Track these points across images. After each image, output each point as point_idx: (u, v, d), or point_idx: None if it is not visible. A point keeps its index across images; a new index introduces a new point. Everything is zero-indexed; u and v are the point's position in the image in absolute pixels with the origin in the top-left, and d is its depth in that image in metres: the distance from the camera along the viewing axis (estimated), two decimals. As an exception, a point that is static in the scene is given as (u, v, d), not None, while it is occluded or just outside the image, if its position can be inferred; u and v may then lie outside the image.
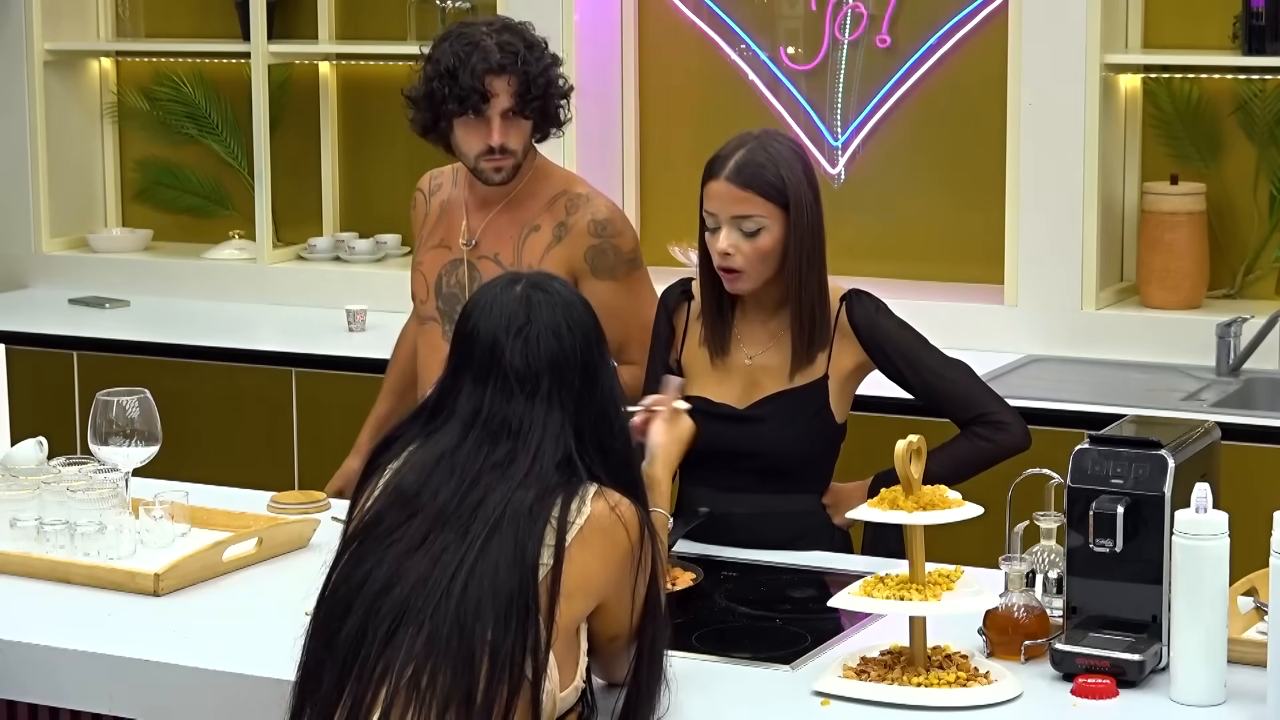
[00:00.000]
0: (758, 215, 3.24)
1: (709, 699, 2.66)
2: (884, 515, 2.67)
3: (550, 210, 3.68)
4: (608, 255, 3.65)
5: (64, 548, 3.24)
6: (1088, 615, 2.73)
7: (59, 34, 6.12)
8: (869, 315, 3.34)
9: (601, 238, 3.65)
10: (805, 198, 3.26)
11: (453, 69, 3.55)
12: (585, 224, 3.65)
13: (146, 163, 6.28)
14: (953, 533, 2.75)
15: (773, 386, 3.33)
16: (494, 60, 3.54)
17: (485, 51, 3.54)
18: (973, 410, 3.36)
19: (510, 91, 3.55)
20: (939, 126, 5.29)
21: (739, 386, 3.35)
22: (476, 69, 3.53)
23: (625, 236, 3.68)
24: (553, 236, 3.66)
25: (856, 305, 3.35)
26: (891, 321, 3.36)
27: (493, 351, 2.50)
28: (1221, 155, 5.00)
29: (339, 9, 5.89)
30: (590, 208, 3.67)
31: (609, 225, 3.66)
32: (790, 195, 3.25)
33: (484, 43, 3.55)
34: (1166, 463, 2.68)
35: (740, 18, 5.47)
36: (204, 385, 5.27)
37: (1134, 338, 4.87)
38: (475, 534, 2.40)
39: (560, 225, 3.66)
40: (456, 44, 3.57)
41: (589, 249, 3.65)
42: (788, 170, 3.26)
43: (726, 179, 3.26)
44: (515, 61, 3.54)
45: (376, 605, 2.39)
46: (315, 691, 2.42)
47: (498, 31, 3.58)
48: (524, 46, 3.57)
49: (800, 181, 3.27)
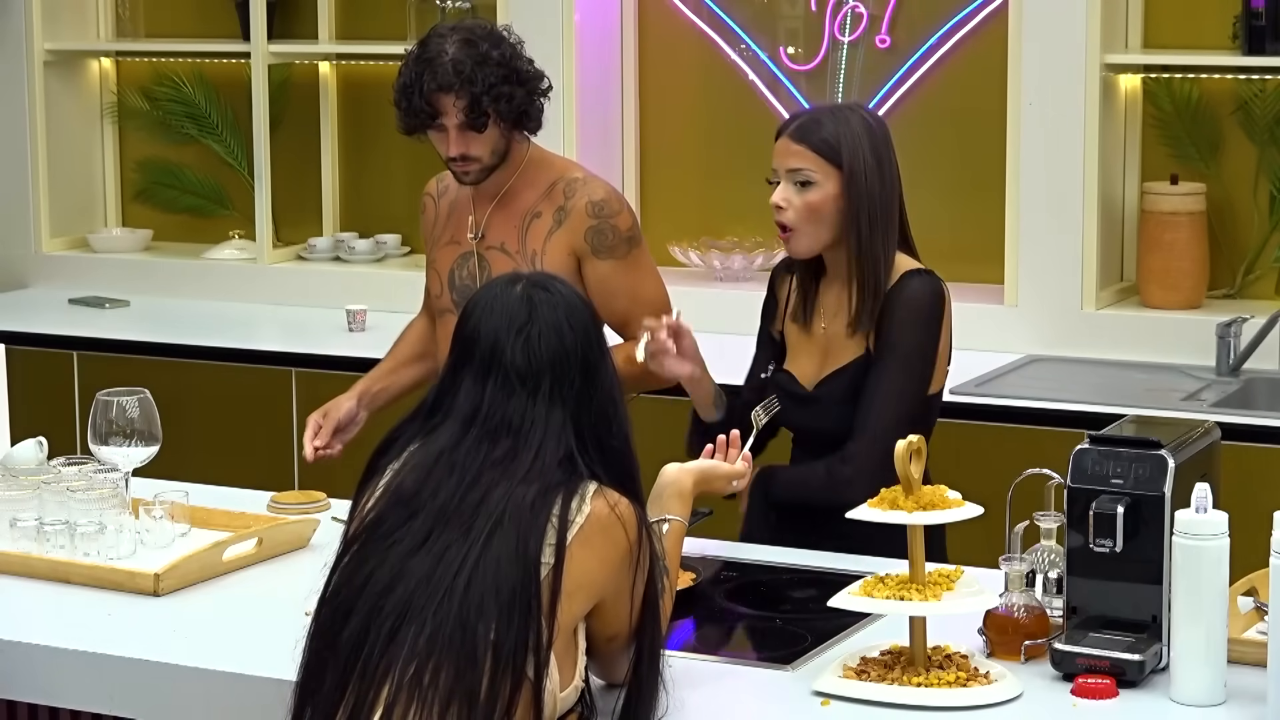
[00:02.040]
0: (807, 169, 3.32)
1: (709, 699, 2.65)
2: (884, 515, 2.67)
3: (549, 196, 3.75)
4: (607, 235, 3.73)
5: (64, 548, 3.24)
6: (1088, 615, 2.73)
7: (59, 34, 6.12)
8: (900, 299, 3.34)
9: (599, 218, 3.72)
10: (864, 161, 3.32)
11: (407, 86, 3.67)
12: (583, 206, 3.73)
13: (146, 163, 6.28)
14: (953, 533, 2.75)
15: (837, 361, 3.38)
16: (442, 79, 3.61)
17: (435, 70, 3.62)
18: (855, 435, 3.31)
19: (460, 108, 3.63)
20: (939, 126, 5.29)
21: (817, 360, 3.42)
22: (426, 88, 3.63)
23: (623, 215, 3.76)
24: (553, 221, 3.73)
25: (905, 285, 3.35)
26: (910, 315, 3.34)
27: (494, 350, 2.50)
28: (1221, 155, 5.00)
29: (339, 9, 5.89)
30: (587, 190, 3.75)
31: (606, 205, 3.74)
32: (844, 155, 3.31)
33: (437, 59, 3.62)
34: (1166, 463, 2.68)
35: (740, 18, 5.47)
36: (204, 385, 5.26)
37: (1134, 338, 4.87)
38: (478, 531, 2.40)
39: (559, 210, 3.74)
40: (414, 60, 3.67)
41: (588, 230, 3.72)
42: (847, 132, 3.32)
43: (788, 135, 3.36)
44: (461, 82, 3.61)
45: (379, 605, 2.39)
46: (317, 691, 2.42)
47: (456, 45, 3.64)
48: (473, 64, 3.62)
49: (859, 145, 3.32)
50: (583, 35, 5.40)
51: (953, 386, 4.54)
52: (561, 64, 5.28)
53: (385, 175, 5.92)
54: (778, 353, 3.50)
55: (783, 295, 3.51)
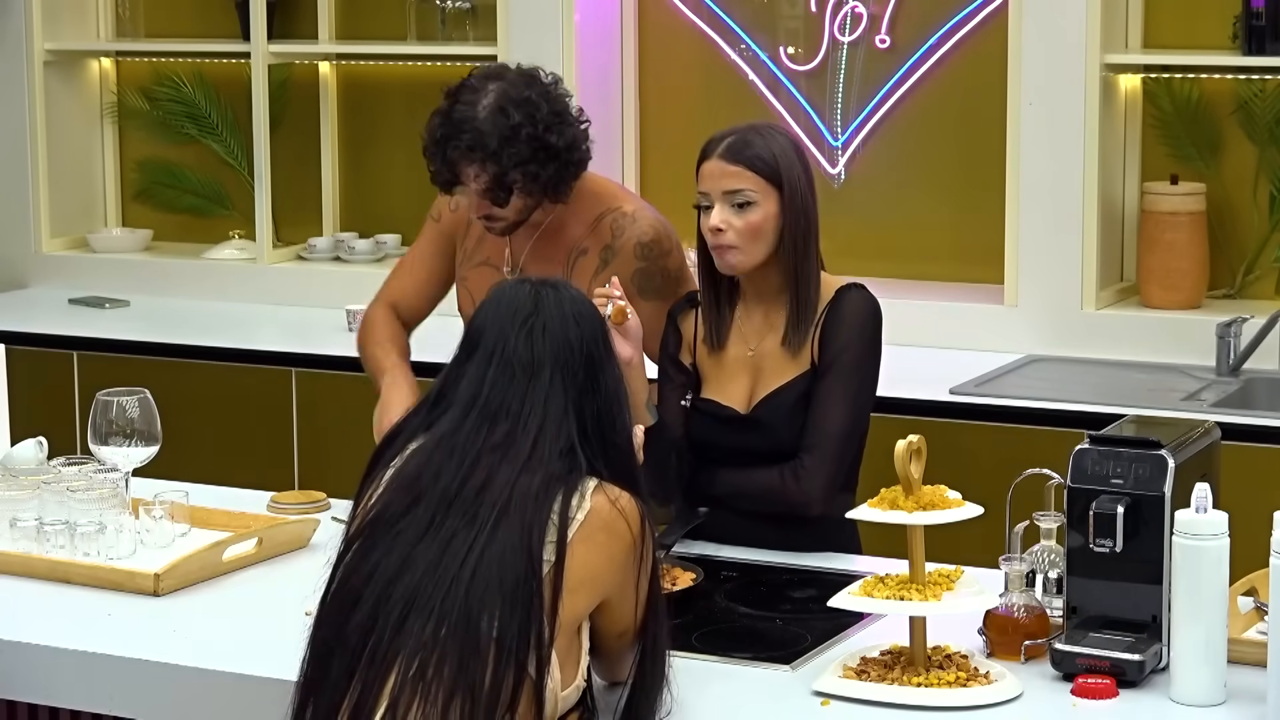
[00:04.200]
0: (748, 189, 3.27)
1: (709, 699, 2.65)
2: (884, 515, 2.67)
3: (595, 232, 3.60)
4: (655, 278, 3.59)
5: (64, 548, 3.24)
6: (1088, 615, 2.73)
7: (59, 34, 6.12)
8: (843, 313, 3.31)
9: (648, 260, 3.59)
10: (798, 181, 3.29)
11: (432, 144, 3.49)
12: (631, 247, 3.57)
13: (146, 163, 6.28)
14: (953, 533, 2.75)
15: (775, 380, 3.34)
16: (466, 147, 3.43)
17: (461, 136, 3.44)
18: (804, 445, 3.29)
19: (483, 180, 3.47)
20: (939, 126, 5.29)
21: (746, 384, 3.37)
22: (449, 154, 3.46)
23: (672, 256, 3.61)
24: (600, 260, 3.59)
25: (846, 298, 3.33)
26: (857, 327, 3.32)
27: (497, 339, 2.51)
28: (1221, 155, 5.00)
29: (339, 9, 5.89)
30: (636, 229, 3.58)
31: (655, 247, 3.59)
32: (783, 173, 3.28)
33: (466, 124, 3.43)
34: (1166, 463, 2.68)
35: (740, 18, 5.47)
36: (204, 385, 5.26)
37: (1134, 338, 4.87)
38: (484, 520, 2.39)
39: (606, 249, 3.59)
40: (443, 116, 3.48)
41: (636, 272, 3.57)
42: (780, 151, 3.29)
43: (718, 157, 3.30)
44: (485, 155, 3.44)
45: (387, 593, 2.39)
46: (322, 682, 2.41)
47: (489, 111, 3.44)
48: (500, 140, 3.42)
49: (793, 164, 3.30)
50: (583, 35, 5.40)
51: (953, 386, 4.55)
52: (561, 64, 5.27)
53: (385, 175, 5.92)
54: (691, 381, 3.41)
55: (687, 328, 3.42)
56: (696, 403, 3.38)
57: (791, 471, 3.29)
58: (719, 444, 3.35)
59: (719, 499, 3.35)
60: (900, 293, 4.97)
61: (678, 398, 3.40)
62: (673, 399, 3.40)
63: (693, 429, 3.38)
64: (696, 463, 3.37)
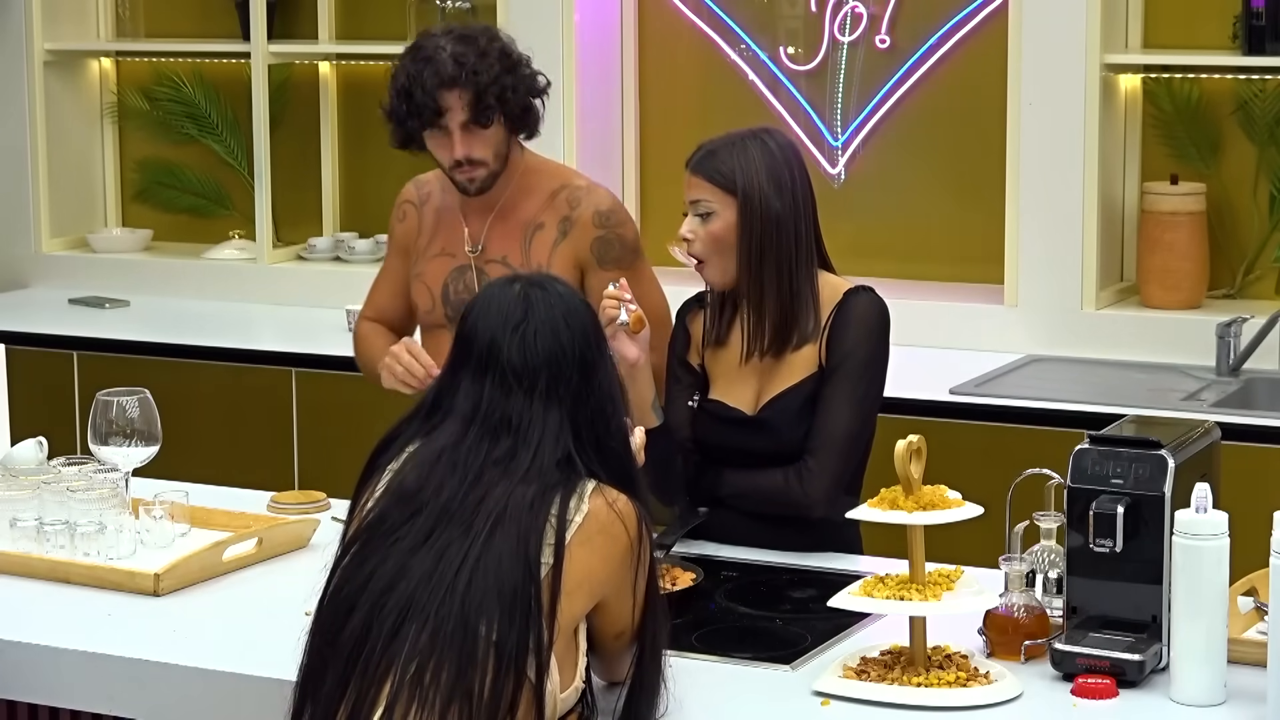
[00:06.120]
0: (705, 200, 3.30)
1: (709, 699, 2.66)
2: (884, 515, 2.67)
3: (552, 206, 3.71)
4: (613, 246, 3.70)
5: (64, 548, 3.24)
6: (1088, 615, 2.73)
7: (59, 34, 6.12)
8: (850, 316, 3.32)
9: (606, 228, 3.70)
10: (760, 190, 3.28)
11: (407, 86, 3.61)
12: (589, 216, 3.70)
13: (146, 163, 6.28)
14: (953, 533, 2.75)
15: (782, 382, 3.34)
16: (445, 74, 3.57)
17: (437, 65, 3.58)
18: (810, 447, 3.30)
19: (464, 103, 3.59)
20: (939, 127, 5.29)
21: (753, 386, 3.37)
22: (428, 84, 3.58)
23: (628, 226, 3.75)
24: (558, 232, 3.70)
25: (854, 300, 3.34)
26: (865, 329, 3.33)
27: (490, 348, 2.51)
28: (1221, 155, 5.00)
29: (339, 9, 5.89)
30: (592, 200, 3.71)
31: (612, 216, 3.72)
32: (739, 184, 3.28)
33: (437, 56, 3.59)
34: (1166, 463, 2.69)
35: (740, 18, 5.47)
36: (204, 385, 5.27)
37: (1134, 338, 4.87)
38: (478, 529, 2.40)
39: (564, 220, 3.70)
40: (411, 60, 3.63)
41: (594, 240, 3.69)
42: (744, 161, 3.30)
43: (688, 168, 3.35)
44: (464, 74, 3.57)
45: (381, 602, 2.40)
46: (318, 689, 2.42)
47: (454, 42, 3.61)
48: (475, 57, 3.59)
49: (756, 173, 3.29)
50: (583, 35, 5.40)
51: (952, 386, 4.55)
52: (561, 64, 5.28)
53: (385, 175, 5.90)
54: (699, 382, 3.43)
55: (695, 328, 3.45)
56: (704, 403, 3.40)
57: (796, 473, 3.29)
58: (725, 445, 3.36)
59: (723, 500, 3.35)
60: (900, 293, 4.96)
61: (685, 398, 3.41)
62: (680, 400, 3.41)
63: (699, 430, 3.38)
64: (703, 463, 3.38)
